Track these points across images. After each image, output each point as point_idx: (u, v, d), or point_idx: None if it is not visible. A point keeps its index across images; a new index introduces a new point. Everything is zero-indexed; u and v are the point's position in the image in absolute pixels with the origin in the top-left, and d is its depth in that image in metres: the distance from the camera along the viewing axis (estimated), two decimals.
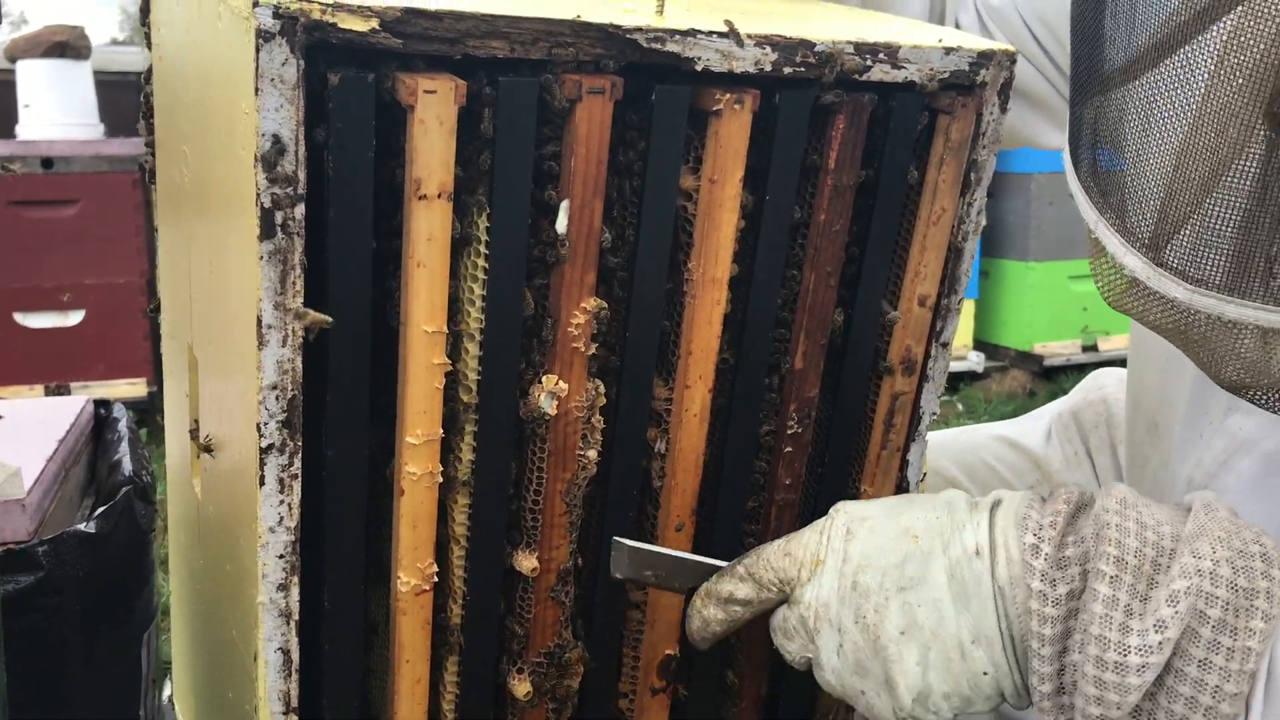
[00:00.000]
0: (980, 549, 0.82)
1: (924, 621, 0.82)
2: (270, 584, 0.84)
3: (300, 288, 0.77)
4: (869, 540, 0.86)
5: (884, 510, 0.88)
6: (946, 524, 0.85)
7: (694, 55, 0.85)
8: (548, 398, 0.89)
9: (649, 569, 0.95)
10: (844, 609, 0.85)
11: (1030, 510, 0.83)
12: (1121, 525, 0.78)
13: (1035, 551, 0.80)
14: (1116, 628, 0.75)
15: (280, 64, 0.71)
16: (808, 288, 0.98)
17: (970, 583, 0.82)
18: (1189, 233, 0.76)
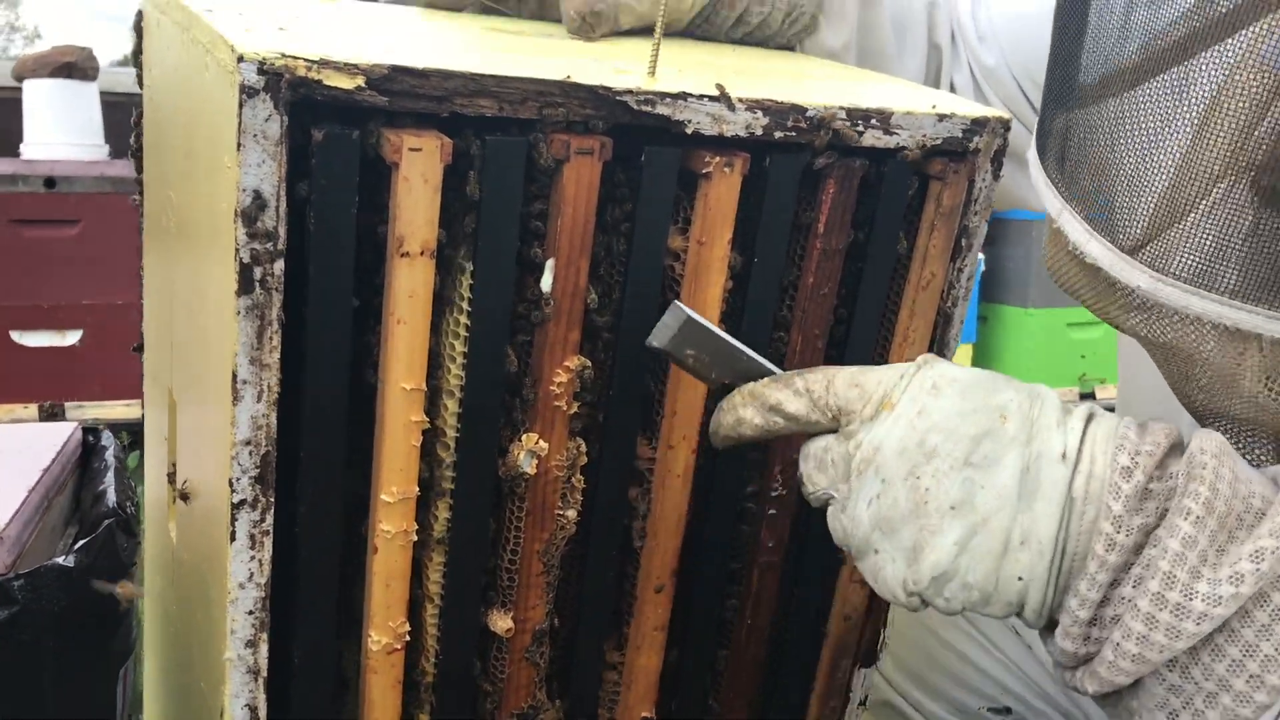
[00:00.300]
0: (1067, 453, 0.77)
1: (981, 504, 0.77)
2: (239, 640, 0.82)
3: (277, 343, 0.76)
4: (954, 403, 0.79)
5: (980, 379, 0.81)
6: (1039, 416, 0.79)
7: (684, 118, 0.84)
8: (527, 457, 0.88)
9: (693, 348, 0.86)
10: (900, 462, 0.79)
11: (1130, 432, 0.77)
12: (1218, 470, 0.73)
13: (1128, 475, 0.75)
14: (1188, 569, 0.71)
15: (264, 120, 0.71)
16: (795, 349, 0.97)
17: (1045, 483, 0.76)
18: (1156, 223, 0.75)
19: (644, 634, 1.00)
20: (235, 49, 0.70)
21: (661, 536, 0.97)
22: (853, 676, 1.14)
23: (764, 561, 1.03)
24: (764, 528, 1.01)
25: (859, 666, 1.14)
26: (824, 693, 1.12)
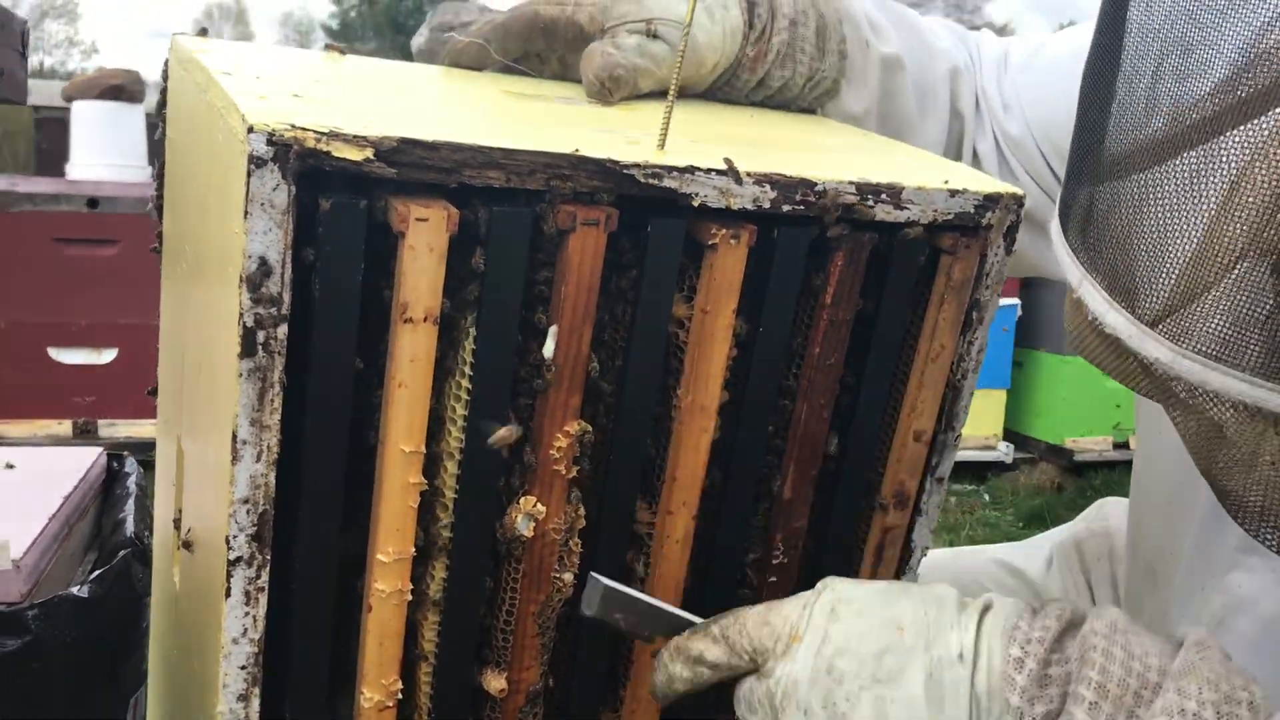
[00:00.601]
0: (964, 654, 0.80)
1: (895, 717, 0.80)
2: (231, 694, 0.83)
3: (278, 405, 0.77)
4: (852, 624, 0.83)
5: (873, 595, 0.85)
6: (934, 620, 0.82)
7: (692, 191, 0.85)
8: (525, 519, 0.88)
9: (620, 612, 0.90)
10: (815, 691, 0.82)
11: (1020, 621, 0.80)
12: (1108, 651, 0.76)
13: (1019, 665, 0.78)
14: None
15: (271, 189, 0.72)
16: (799, 418, 0.97)
17: (949, 686, 0.79)
18: (1177, 297, 0.74)
19: (640, 699, 1.00)
20: (246, 119, 0.71)
21: (659, 596, 0.97)
22: None
23: None
24: (764, 594, 1.01)
25: None
26: None
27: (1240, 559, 0.98)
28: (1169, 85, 0.77)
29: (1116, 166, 0.81)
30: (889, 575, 1.06)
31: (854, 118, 1.21)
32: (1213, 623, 1.01)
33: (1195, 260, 0.75)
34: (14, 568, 1.44)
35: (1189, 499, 1.04)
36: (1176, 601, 1.06)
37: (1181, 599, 1.05)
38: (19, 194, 3.99)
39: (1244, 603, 0.98)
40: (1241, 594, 0.99)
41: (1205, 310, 0.75)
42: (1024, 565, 1.41)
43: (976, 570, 1.41)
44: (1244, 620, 0.98)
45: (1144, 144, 0.78)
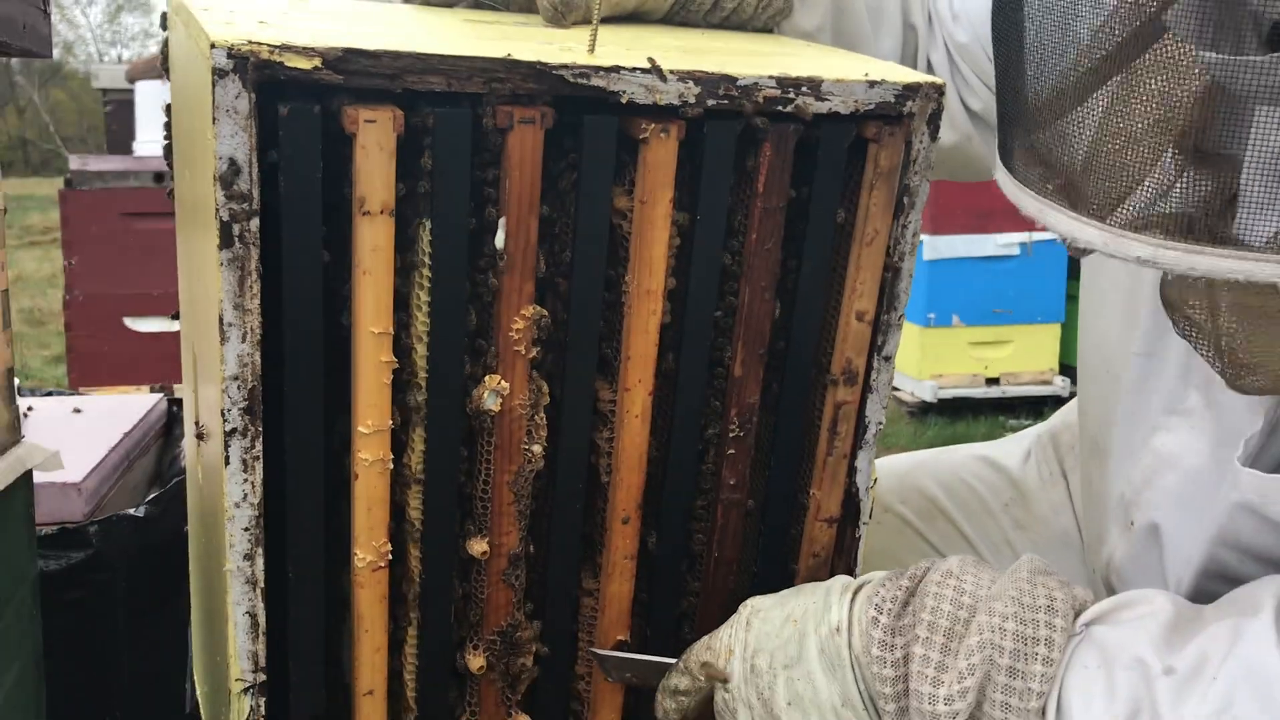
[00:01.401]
0: (840, 626, 0.96)
1: (803, 693, 0.97)
2: (237, 553, 0.95)
3: (257, 290, 0.88)
4: (761, 628, 1.02)
5: (775, 601, 1.04)
6: (819, 606, 0.99)
7: (619, 89, 0.94)
8: (492, 395, 0.98)
9: (628, 671, 1.11)
10: (749, 688, 1.00)
11: (880, 588, 0.96)
12: (939, 593, 0.93)
13: (875, 623, 0.94)
14: (929, 681, 0.89)
15: (234, 97, 0.83)
16: (744, 301, 1.06)
17: (834, 655, 0.96)
18: (1141, 194, 0.78)
19: (615, 562, 1.10)
20: (209, 37, 0.82)
21: (624, 472, 1.07)
22: None
23: (726, 498, 1.12)
24: (724, 466, 1.10)
25: None
26: None
27: (1163, 420, 1.05)
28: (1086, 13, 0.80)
29: (1048, 98, 0.83)
30: (845, 449, 1.14)
31: (808, 35, 1.29)
32: (1142, 481, 1.08)
33: (1141, 159, 0.79)
34: (76, 490, 1.59)
35: (1119, 371, 1.11)
36: (1112, 466, 1.13)
37: (1117, 464, 1.12)
38: (89, 172, 4.19)
39: (1169, 460, 1.05)
40: (1166, 452, 1.06)
41: (1157, 199, 0.80)
42: (1002, 458, 1.48)
43: (957, 465, 1.48)
44: (1170, 476, 1.05)
45: (1067, 73, 0.80)
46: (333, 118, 0.88)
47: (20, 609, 1.28)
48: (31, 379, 5.61)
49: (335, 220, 0.93)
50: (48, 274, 8.25)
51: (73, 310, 4.16)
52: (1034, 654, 0.88)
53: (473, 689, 1.09)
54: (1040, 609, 0.90)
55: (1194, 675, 0.85)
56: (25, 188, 12.92)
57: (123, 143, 4.81)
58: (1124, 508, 1.11)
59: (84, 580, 1.54)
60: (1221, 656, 0.85)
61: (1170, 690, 0.85)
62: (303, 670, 1.01)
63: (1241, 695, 0.83)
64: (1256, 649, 0.84)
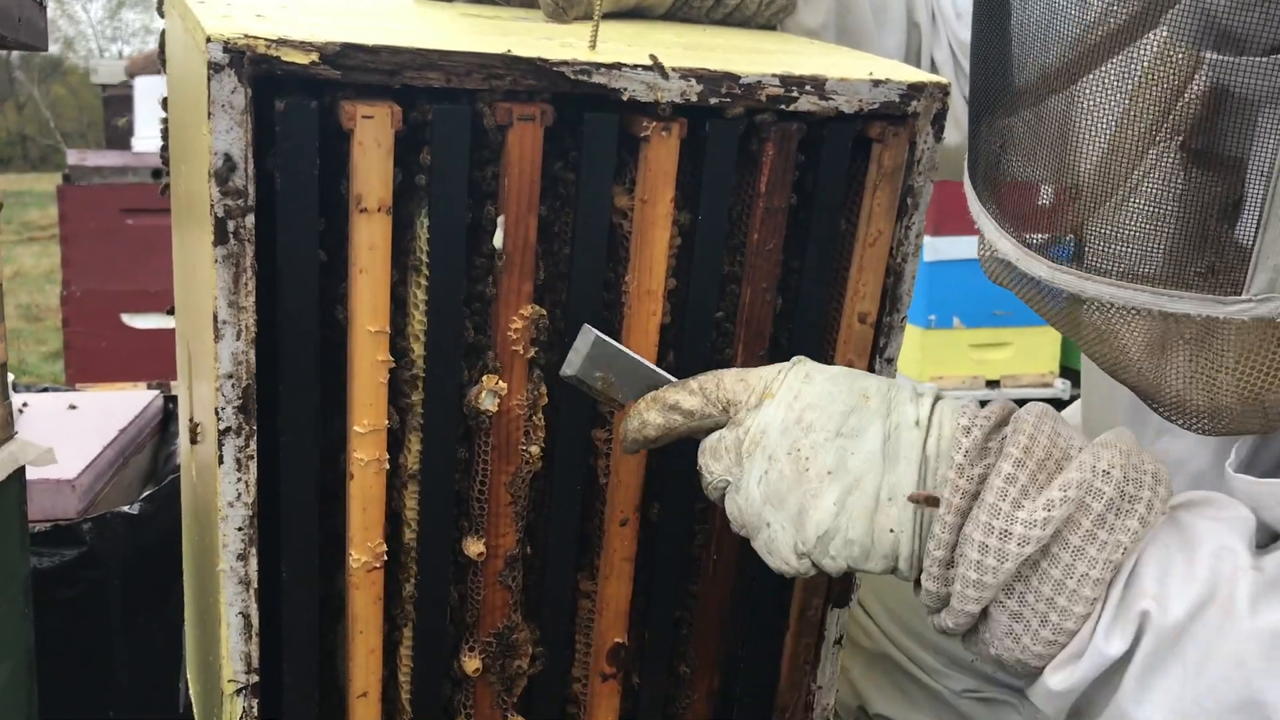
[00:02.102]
0: (920, 421, 0.89)
1: (853, 467, 0.88)
2: (230, 553, 0.94)
3: (252, 288, 0.87)
4: (824, 386, 0.91)
5: (841, 371, 0.94)
6: (895, 395, 0.91)
7: (620, 86, 0.93)
8: (489, 396, 0.97)
9: (601, 370, 0.96)
10: (783, 438, 0.90)
11: (969, 405, 0.91)
12: (1038, 424, 0.85)
13: (966, 432, 0.86)
14: (1010, 501, 0.82)
15: (230, 92, 0.82)
16: (745, 302, 1.05)
17: (904, 446, 0.88)
18: (1054, 223, 0.83)
19: (613, 564, 1.09)
20: (205, 30, 0.81)
21: (623, 474, 1.06)
22: (826, 615, 1.21)
23: None
24: None
25: (832, 607, 1.21)
26: (797, 630, 1.20)
27: (1167, 426, 1.04)
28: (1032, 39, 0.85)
29: (991, 113, 0.90)
30: None
31: (811, 32, 1.28)
32: None
33: (1059, 192, 0.84)
34: (70, 487, 1.58)
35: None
36: None
37: None
38: (87, 168, 4.18)
39: (1173, 465, 1.04)
40: (1171, 457, 1.04)
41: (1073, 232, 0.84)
42: None
43: None
44: (1174, 480, 1.03)
45: (1011, 94, 0.87)
46: (330, 114, 0.87)
47: (12, 607, 1.27)
48: (29, 375, 5.60)
49: (332, 218, 0.92)
50: (46, 270, 8.22)
51: (70, 306, 4.15)
52: (1132, 510, 0.82)
53: (468, 691, 1.08)
54: (1146, 472, 0.84)
55: (1277, 582, 0.81)
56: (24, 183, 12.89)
57: (123, 139, 4.79)
58: None
59: (77, 578, 1.52)
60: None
61: (1254, 585, 0.80)
62: (296, 672, 1.00)
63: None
64: None
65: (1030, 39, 0.84)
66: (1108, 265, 0.81)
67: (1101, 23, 0.80)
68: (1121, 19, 0.78)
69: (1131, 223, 0.80)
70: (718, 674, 1.19)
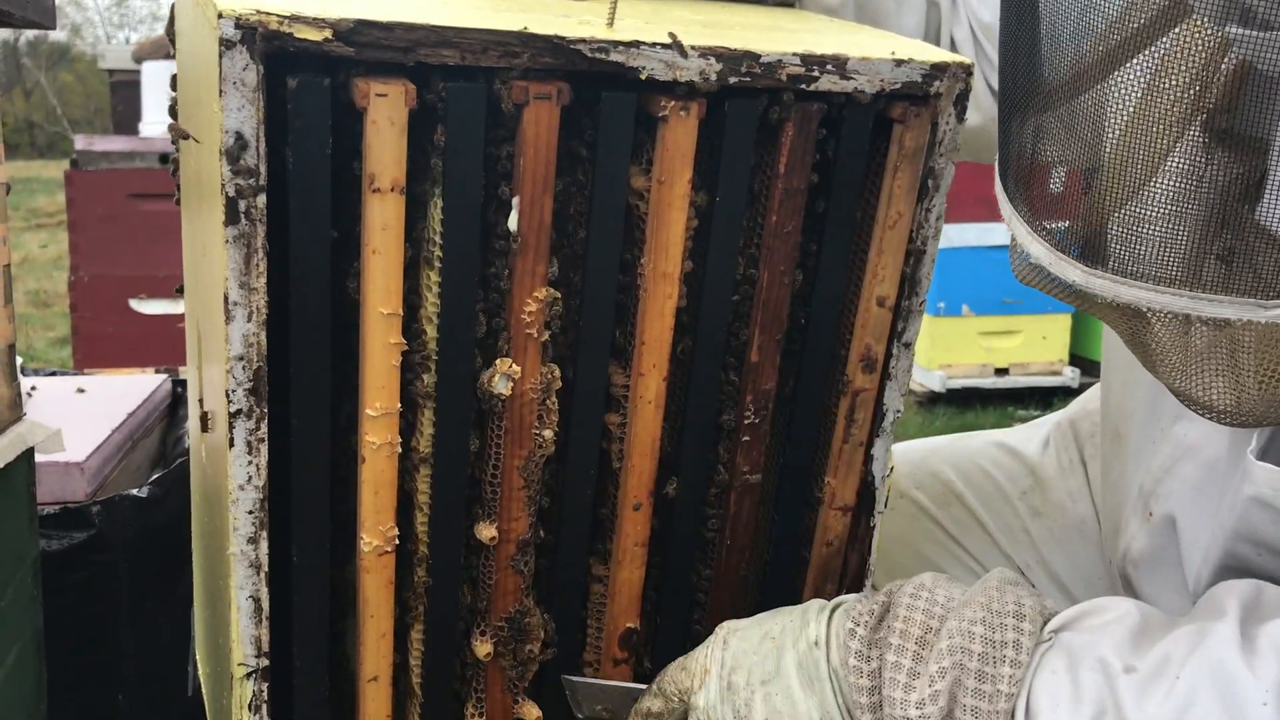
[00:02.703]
0: (819, 639, 0.97)
1: (781, 708, 0.96)
2: (241, 537, 0.93)
3: (263, 269, 0.86)
4: (738, 645, 1.01)
5: (753, 621, 1.04)
6: (797, 624, 0.99)
7: (638, 65, 0.91)
8: (502, 379, 0.96)
9: (599, 703, 1.09)
10: (725, 706, 0.99)
11: (857, 604, 0.97)
12: (911, 604, 0.94)
13: (852, 635, 0.95)
14: (901, 688, 0.90)
15: (241, 69, 0.80)
16: (762, 285, 1.03)
17: (812, 668, 0.96)
18: (1087, 224, 0.82)
19: (625, 549, 1.08)
20: (217, 6, 0.80)
21: (636, 458, 1.04)
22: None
23: (740, 484, 1.09)
24: (739, 453, 1.08)
25: (845, 592, 1.20)
26: None
27: (1184, 411, 1.03)
28: (1064, 35, 0.83)
29: (1024, 111, 0.88)
30: (862, 437, 1.12)
31: (830, 10, 1.26)
32: (1162, 471, 1.06)
33: (1093, 191, 0.82)
34: (78, 470, 1.57)
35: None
36: (1131, 456, 1.11)
37: (1136, 453, 1.10)
38: (95, 153, 4.17)
39: (1189, 450, 1.03)
40: (1187, 442, 1.03)
41: (1106, 234, 0.82)
42: (1020, 445, 1.46)
43: (974, 451, 1.46)
44: (1189, 466, 1.02)
45: (1044, 93, 0.86)
46: (343, 92, 0.86)
47: (21, 589, 1.26)
48: (37, 360, 5.60)
49: (345, 198, 0.90)
50: (54, 256, 8.23)
51: (78, 291, 4.14)
52: (1002, 657, 0.89)
53: (480, 676, 1.07)
54: (1008, 614, 0.91)
55: (1156, 674, 0.85)
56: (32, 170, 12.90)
57: (129, 124, 4.78)
58: (1143, 499, 1.09)
59: (86, 561, 1.52)
60: (1184, 656, 0.85)
61: (1133, 688, 0.85)
62: (307, 656, 0.99)
63: (1203, 694, 0.83)
64: (1220, 649, 0.84)
65: (1063, 33, 0.82)
66: (1144, 269, 0.79)
67: (1135, 13, 0.78)
68: (1155, 8, 0.76)
69: (1168, 225, 0.78)
70: None
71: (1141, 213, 0.79)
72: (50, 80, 20.05)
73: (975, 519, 1.43)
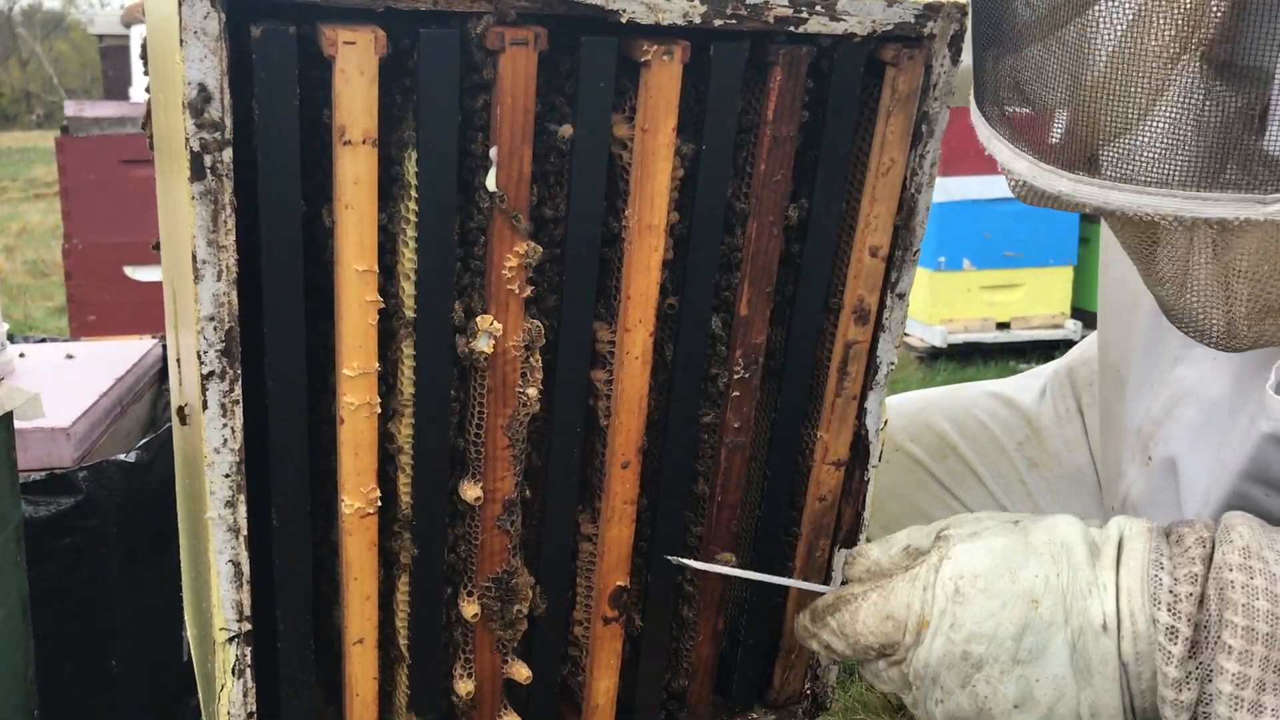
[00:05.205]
0: (1108, 623, 0.78)
1: (1041, 697, 0.79)
2: (218, 501, 0.91)
3: (232, 226, 0.83)
4: (982, 605, 0.81)
5: (996, 564, 0.81)
6: (1068, 584, 0.79)
7: (619, 7, 0.88)
8: (484, 336, 0.93)
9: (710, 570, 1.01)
10: (952, 675, 0.82)
11: (1160, 574, 0.76)
12: (1249, 586, 0.73)
13: (1171, 635, 0.74)
14: (1247, 708, 0.72)
15: (202, 17, 0.77)
16: (751, 236, 1.00)
17: (1095, 659, 0.78)
18: (1071, 134, 0.79)
19: (614, 507, 1.06)
20: None
21: (624, 415, 1.02)
22: (833, 556, 1.18)
23: (730, 441, 1.07)
24: (728, 409, 1.06)
25: (839, 548, 1.18)
26: (803, 571, 1.17)
27: (1183, 353, 1.00)
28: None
29: (999, 31, 0.85)
30: (855, 390, 1.10)
31: None
32: (1161, 414, 1.04)
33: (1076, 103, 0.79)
34: (65, 435, 1.55)
35: (1139, 303, 1.06)
36: (1130, 398, 1.09)
37: (1136, 397, 1.08)
38: (85, 119, 4.12)
39: (1189, 392, 1.00)
40: (1186, 384, 1.01)
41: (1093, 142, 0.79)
42: (1016, 395, 1.43)
43: (969, 402, 1.44)
44: (1189, 408, 1.00)
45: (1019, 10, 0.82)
46: (310, 41, 0.83)
47: (4, 554, 1.25)
48: (35, 330, 5.58)
49: (315, 151, 0.87)
50: (51, 226, 8.19)
51: (72, 259, 4.11)
52: None
53: (468, 636, 1.06)
54: None
55: None
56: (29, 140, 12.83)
57: (120, 89, 4.73)
58: (1142, 441, 1.07)
59: (74, 526, 1.50)
60: None
61: None
62: (290, 619, 0.98)
63: None
64: None
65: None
66: (1132, 172, 0.76)
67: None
68: None
69: (1157, 125, 0.75)
70: (722, 616, 1.16)
71: (1128, 118, 0.76)
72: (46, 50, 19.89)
73: (971, 471, 1.41)
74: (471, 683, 1.05)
